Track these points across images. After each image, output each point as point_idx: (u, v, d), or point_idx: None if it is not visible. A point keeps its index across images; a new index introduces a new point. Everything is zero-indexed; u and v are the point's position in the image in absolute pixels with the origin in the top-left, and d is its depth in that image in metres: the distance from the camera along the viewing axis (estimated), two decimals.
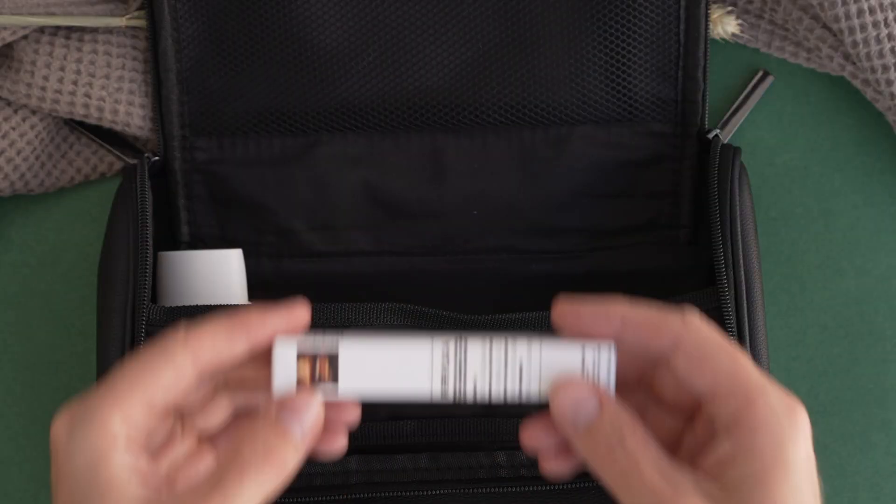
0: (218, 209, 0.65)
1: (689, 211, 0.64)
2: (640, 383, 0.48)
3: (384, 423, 0.53)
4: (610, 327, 0.45)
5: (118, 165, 0.66)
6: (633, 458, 0.44)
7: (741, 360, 0.44)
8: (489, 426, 0.58)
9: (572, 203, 0.64)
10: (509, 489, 0.57)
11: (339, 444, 0.48)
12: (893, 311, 0.66)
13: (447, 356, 0.45)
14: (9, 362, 0.66)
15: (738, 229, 0.59)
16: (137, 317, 0.58)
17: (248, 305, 0.50)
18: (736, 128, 0.66)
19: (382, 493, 0.57)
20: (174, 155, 0.64)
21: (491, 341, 0.46)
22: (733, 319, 0.57)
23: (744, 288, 0.58)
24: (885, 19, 0.60)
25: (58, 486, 0.42)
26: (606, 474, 0.44)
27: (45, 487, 0.62)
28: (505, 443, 0.57)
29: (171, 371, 0.43)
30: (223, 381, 0.48)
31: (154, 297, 0.60)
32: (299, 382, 0.46)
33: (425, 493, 0.57)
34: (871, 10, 0.60)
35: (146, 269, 0.58)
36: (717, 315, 0.57)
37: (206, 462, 0.47)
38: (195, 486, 0.43)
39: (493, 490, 0.57)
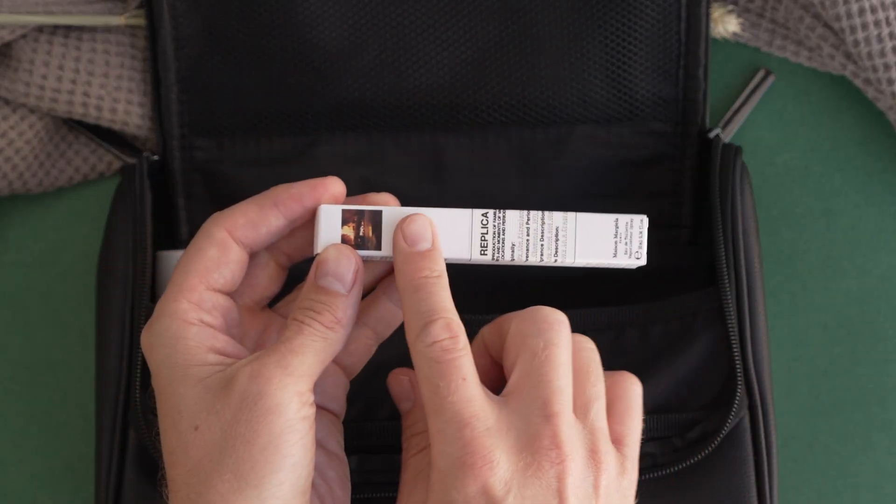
0: (217, 208, 0.59)
1: (690, 211, 0.63)
2: None
3: (384, 422, 0.53)
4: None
5: (117, 165, 0.66)
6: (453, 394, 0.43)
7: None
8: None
9: (572, 203, 0.63)
10: None
11: None
12: (895, 311, 0.65)
13: (486, 222, 0.46)
14: (7, 362, 0.65)
15: (739, 229, 0.59)
16: (137, 316, 0.57)
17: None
18: (737, 127, 0.65)
19: (382, 494, 0.55)
20: (173, 154, 0.64)
21: (528, 212, 0.47)
22: (734, 319, 0.56)
23: (745, 287, 0.57)
24: (887, 18, 0.59)
25: (156, 385, 0.44)
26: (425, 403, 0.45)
27: (44, 487, 0.65)
28: None
29: (214, 248, 0.45)
30: (286, 259, 0.49)
31: (153, 297, 0.60)
32: (343, 242, 0.47)
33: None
34: (873, 9, 0.59)
35: (145, 268, 0.58)
36: (718, 314, 0.56)
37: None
38: (262, 350, 0.45)
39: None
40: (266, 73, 0.63)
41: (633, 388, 0.47)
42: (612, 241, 0.48)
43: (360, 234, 0.47)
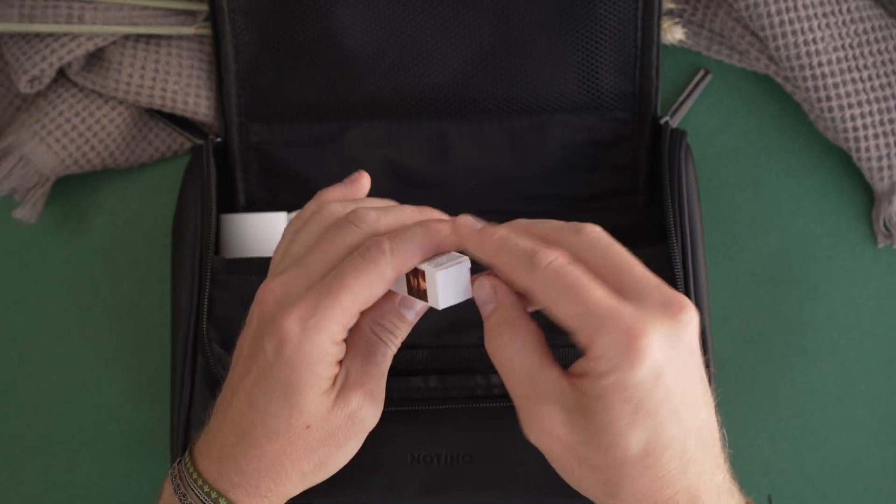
0: (268, 180, 0.68)
1: (645, 181, 0.67)
2: None
3: (401, 351, 0.52)
4: (492, 257, 0.45)
5: (188, 145, 0.69)
6: (505, 355, 0.44)
7: (588, 297, 0.41)
8: (486, 354, 0.56)
9: (551, 175, 0.67)
10: (501, 404, 0.60)
11: None
12: (808, 260, 0.69)
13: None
14: (101, 302, 0.70)
15: (685, 196, 0.62)
16: (204, 266, 0.62)
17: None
18: (682, 115, 0.69)
19: (400, 408, 0.59)
20: (233, 137, 0.67)
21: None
22: (680, 267, 0.59)
23: (689, 243, 0.61)
24: (802, 28, 0.63)
25: (276, 361, 0.44)
26: (492, 360, 0.45)
27: (130, 400, 0.69)
28: None
29: (381, 286, 0.45)
30: None
31: (217, 251, 0.64)
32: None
33: (434, 407, 0.60)
34: (791, 21, 0.63)
35: (211, 228, 0.62)
36: (667, 265, 0.59)
37: None
38: (366, 387, 0.47)
39: (488, 405, 0.60)
40: (307, 73, 0.66)
41: (605, 247, 0.44)
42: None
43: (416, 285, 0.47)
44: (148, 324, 0.70)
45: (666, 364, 0.41)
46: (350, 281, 0.44)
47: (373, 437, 0.57)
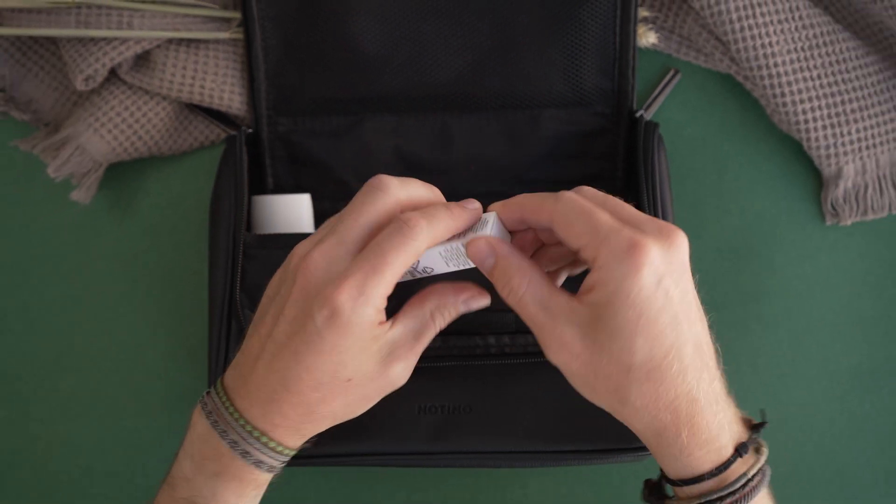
0: (293, 166, 0.68)
1: (623, 168, 0.67)
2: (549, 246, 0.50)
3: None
4: (517, 212, 0.47)
5: (223, 136, 0.70)
6: (518, 295, 0.46)
7: (595, 219, 0.43)
8: (483, 318, 0.61)
9: (541, 162, 0.67)
10: (496, 362, 0.61)
11: None
12: (765, 238, 0.69)
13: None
14: (147, 274, 0.71)
15: (657, 181, 0.63)
16: (237, 242, 0.62)
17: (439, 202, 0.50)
18: (655, 109, 0.70)
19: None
20: (262, 128, 0.67)
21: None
22: None
23: None
24: (759, 33, 0.65)
25: (326, 328, 0.44)
26: (509, 304, 0.46)
27: (172, 360, 0.69)
28: (494, 330, 0.61)
29: (414, 259, 0.46)
30: None
31: (248, 228, 0.64)
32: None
33: (438, 364, 0.61)
34: (750, 27, 0.65)
35: (243, 207, 0.63)
36: None
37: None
38: (411, 350, 0.48)
39: (485, 363, 0.61)
40: (326, 72, 0.66)
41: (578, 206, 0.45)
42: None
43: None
44: (188, 292, 0.69)
45: (664, 275, 0.42)
46: (392, 258, 0.45)
47: None
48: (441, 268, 0.49)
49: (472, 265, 0.48)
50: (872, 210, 0.69)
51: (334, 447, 0.59)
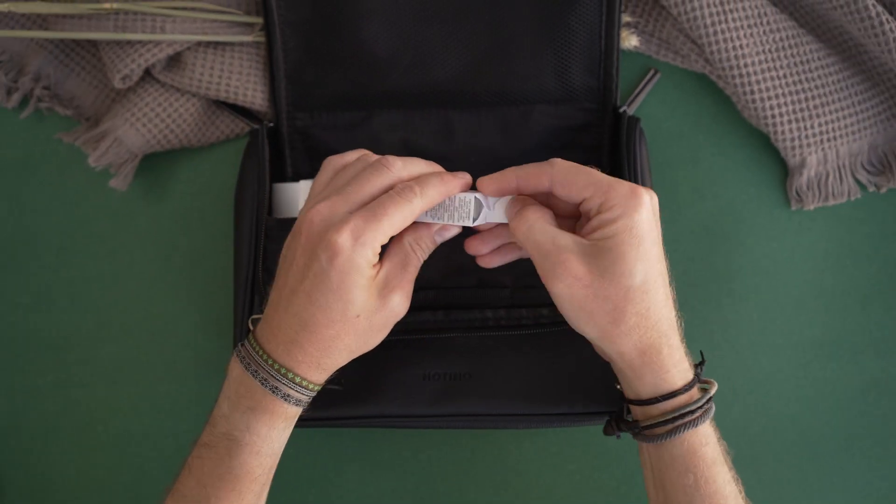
0: (310, 157, 0.70)
1: (608, 158, 0.68)
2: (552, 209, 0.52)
3: (414, 292, 0.53)
4: (512, 182, 0.51)
5: (247, 129, 0.72)
6: (530, 228, 0.50)
7: (595, 173, 0.48)
8: (482, 294, 0.63)
9: (533, 153, 0.68)
10: (493, 334, 0.63)
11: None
12: (737, 222, 0.71)
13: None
14: (178, 254, 0.72)
15: (639, 170, 0.65)
16: (260, 224, 0.64)
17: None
18: (637, 105, 0.71)
19: (413, 337, 0.63)
20: (282, 122, 0.69)
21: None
22: None
23: None
24: (731, 37, 0.67)
25: (330, 267, 0.47)
26: (519, 238, 0.50)
27: (200, 332, 0.71)
28: (492, 304, 0.63)
29: (410, 218, 0.49)
30: None
31: (270, 212, 0.66)
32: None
33: (441, 336, 0.63)
34: (722, 31, 0.67)
35: (265, 194, 0.65)
36: None
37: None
38: (400, 282, 0.51)
39: (483, 335, 0.63)
40: (340, 71, 0.68)
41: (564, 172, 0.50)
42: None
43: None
44: (215, 270, 0.71)
45: (653, 215, 0.47)
46: (391, 211, 0.48)
47: (390, 361, 0.61)
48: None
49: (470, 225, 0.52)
50: (833, 196, 0.71)
51: (347, 410, 0.62)
